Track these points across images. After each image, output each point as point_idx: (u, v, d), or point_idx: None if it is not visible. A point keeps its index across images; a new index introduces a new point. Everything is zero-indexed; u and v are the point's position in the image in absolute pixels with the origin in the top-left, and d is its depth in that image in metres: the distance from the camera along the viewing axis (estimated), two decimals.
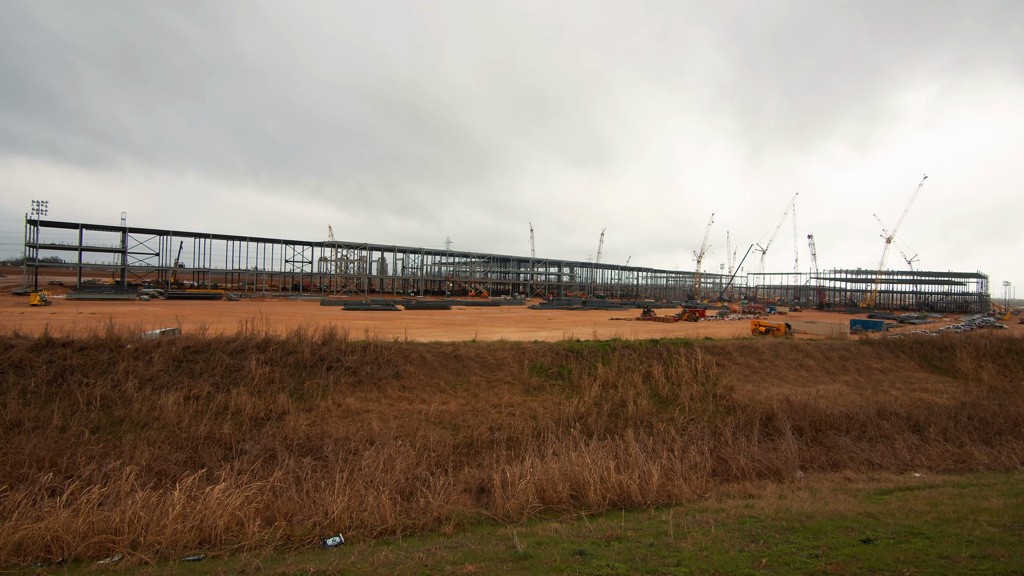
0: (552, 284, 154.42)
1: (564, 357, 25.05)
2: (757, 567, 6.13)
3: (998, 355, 31.52)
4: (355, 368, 21.44)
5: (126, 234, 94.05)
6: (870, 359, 30.56)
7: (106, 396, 17.23)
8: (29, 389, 16.98)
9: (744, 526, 8.37)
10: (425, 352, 23.66)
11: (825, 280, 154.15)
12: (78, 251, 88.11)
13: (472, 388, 21.81)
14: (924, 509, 9.60)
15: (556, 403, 20.93)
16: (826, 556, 6.49)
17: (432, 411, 19.17)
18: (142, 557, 7.64)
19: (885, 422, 20.42)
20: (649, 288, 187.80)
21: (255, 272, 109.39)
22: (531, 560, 6.54)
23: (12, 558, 7.66)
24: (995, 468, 16.56)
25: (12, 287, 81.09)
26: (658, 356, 25.85)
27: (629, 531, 8.27)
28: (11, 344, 18.91)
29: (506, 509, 10.27)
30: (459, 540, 8.11)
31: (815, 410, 20.58)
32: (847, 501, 10.89)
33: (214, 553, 7.92)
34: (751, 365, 27.24)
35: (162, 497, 9.51)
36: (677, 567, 6.16)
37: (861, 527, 8.03)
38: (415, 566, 6.29)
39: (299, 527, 8.83)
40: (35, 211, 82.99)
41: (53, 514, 8.59)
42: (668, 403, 21.86)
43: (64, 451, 14.01)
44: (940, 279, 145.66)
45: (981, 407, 22.90)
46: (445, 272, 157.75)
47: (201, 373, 19.49)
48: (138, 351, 19.87)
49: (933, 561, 6.15)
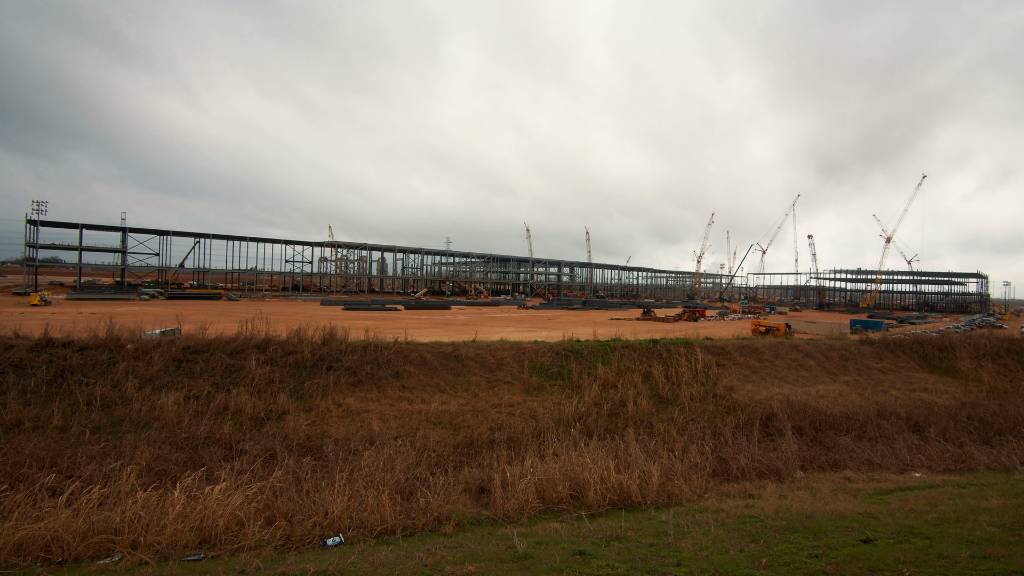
0: (552, 284, 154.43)
1: (564, 357, 25.05)
2: (757, 567, 6.13)
3: (998, 355, 31.52)
4: (355, 368, 21.44)
5: (126, 234, 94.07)
6: (870, 359, 30.56)
7: (106, 396, 17.23)
8: (29, 389, 16.98)
9: (744, 526, 8.37)
10: (425, 352, 23.66)
11: (825, 280, 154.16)
12: (78, 251, 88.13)
13: (472, 388, 21.81)
14: (924, 509, 9.59)
15: (556, 403, 20.93)
16: (826, 556, 6.49)
17: (432, 411, 19.17)
18: (142, 557, 7.63)
19: (885, 422, 20.41)
20: (649, 288, 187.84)
21: (255, 272, 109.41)
22: (531, 560, 6.54)
23: (12, 558, 7.66)
24: (995, 468, 16.56)
25: (12, 287, 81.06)
26: (658, 356, 25.85)
27: (629, 531, 8.27)
28: (11, 344, 18.90)
29: (506, 509, 10.27)
30: (459, 540, 8.11)
31: (815, 410, 20.58)
32: (847, 501, 10.89)
33: (214, 553, 7.92)
34: (751, 365, 27.24)
35: (162, 497, 9.50)
36: (677, 567, 6.16)
37: (861, 527, 8.03)
38: (415, 566, 6.29)
39: (299, 527, 8.83)
40: (35, 211, 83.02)
41: (53, 514, 8.58)
42: (668, 403, 21.86)
43: (64, 451, 14.01)
44: (940, 279, 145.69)
45: (981, 407, 22.90)
46: (445, 272, 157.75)
47: (201, 373, 19.49)
48: (138, 351, 19.87)
49: (933, 561, 6.15)
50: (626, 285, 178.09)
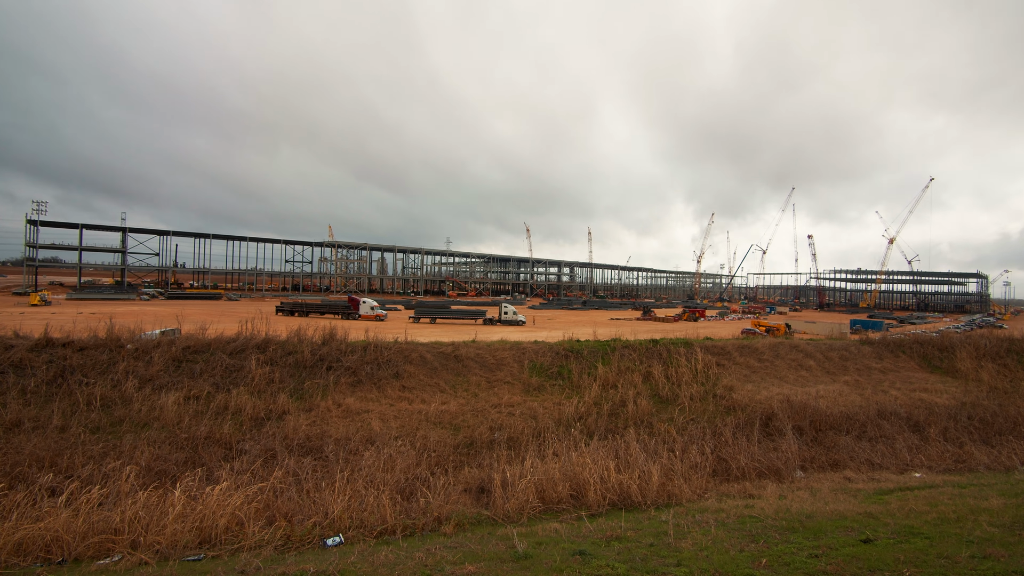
0: (552, 284, 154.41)
1: (564, 357, 25.05)
2: (757, 567, 6.13)
3: (998, 355, 31.50)
4: (355, 368, 21.44)
5: (126, 234, 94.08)
6: (870, 359, 30.55)
7: (106, 396, 17.23)
8: (29, 389, 16.98)
9: (744, 526, 8.36)
10: (425, 352, 23.66)
11: (825, 280, 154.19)
12: (78, 251, 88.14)
13: (472, 388, 21.81)
14: (924, 509, 9.59)
15: (556, 403, 20.93)
16: (826, 556, 6.49)
17: (432, 411, 19.17)
18: (142, 557, 7.63)
19: (885, 422, 20.41)
20: (649, 288, 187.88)
21: (255, 272, 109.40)
22: (531, 560, 6.53)
23: (12, 558, 7.66)
24: (995, 468, 16.54)
25: (12, 287, 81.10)
26: (658, 356, 25.85)
27: (629, 531, 8.27)
28: (11, 344, 18.91)
29: (506, 509, 10.26)
30: (459, 540, 8.10)
31: (815, 410, 20.57)
32: (847, 501, 10.89)
33: (214, 553, 7.91)
34: (751, 365, 27.24)
35: (162, 497, 9.50)
36: (677, 567, 6.15)
37: (861, 527, 8.02)
38: (415, 566, 6.29)
39: (299, 527, 8.82)
40: (35, 211, 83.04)
41: (53, 514, 8.58)
42: (668, 403, 21.86)
43: (64, 451, 14.01)
44: (940, 279, 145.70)
45: (981, 407, 22.88)
46: (445, 272, 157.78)
47: (201, 373, 19.48)
48: (138, 351, 19.87)
49: (933, 561, 6.15)
50: (626, 285, 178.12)
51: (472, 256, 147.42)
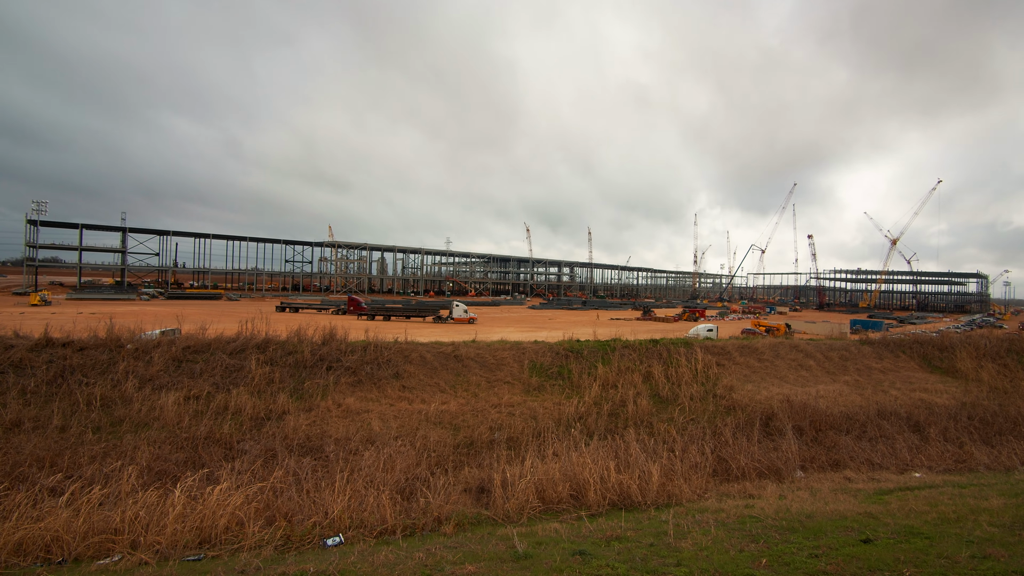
0: (552, 284, 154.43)
1: (564, 357, 25.06)
2: (757, 567, 6.13)
3: (998, 355, 31.50)
4: (355, 368, 21.44)
5: (126, 234, 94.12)
6: (870, 359, 30.56)
7: (106, 396, 17.23)
8: (29, 389, 16.98)
9: (744, 526, 8.36)
10: (425, 352, 23.67)
11: (825, 280, 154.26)
12: (78, 251, 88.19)
13: (472, 388, 21.81)
14: (924, 509, 9.59)
15: (556, 403, 20.93)
16: (826, 556, 6.48)
17: (432, 411, 19.17)
18: (142, 557, 7.63)
19: (885, 422, 20.41)
20: (649, 288, 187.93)
21: (255, 272, 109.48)
22: (531, 560, 6.53)
23: (12, 558, 7.66)
24: (995, 468, 16.55)
25: (12, 287, 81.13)
26: (658, 356, 25.85)
27: (629, 531, 8.27)
28: (11, 344, 18.91)
29: (506, 509, 10.26)
30: (459, 540, 8.10)
31: (815, 410, 20.57)
32: (847, 501, 10.89)
33: (214, 553, 7.91)
34: (751, 365, 27.24)
35: (162, 497, 9.50)
36: (677, 567, 6.15)
37: (861, 527, 8.02)
38: (415, 566, 6.29)
39: (299, 527, 8.82)
40: (35, 211, 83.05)
41: (53, 514, 8.58)
42: (668, 403, 21.86)
43: (64, 451, 14.01)
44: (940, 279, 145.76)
45: (981, 407, 22.88)
46: (445, 272, 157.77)
47: (201, 373, 19.49)
48: (138, 351, 19.88)
49: (933, 561, 6.15)
50: (626, 285, 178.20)
51: (472, 256, 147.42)
